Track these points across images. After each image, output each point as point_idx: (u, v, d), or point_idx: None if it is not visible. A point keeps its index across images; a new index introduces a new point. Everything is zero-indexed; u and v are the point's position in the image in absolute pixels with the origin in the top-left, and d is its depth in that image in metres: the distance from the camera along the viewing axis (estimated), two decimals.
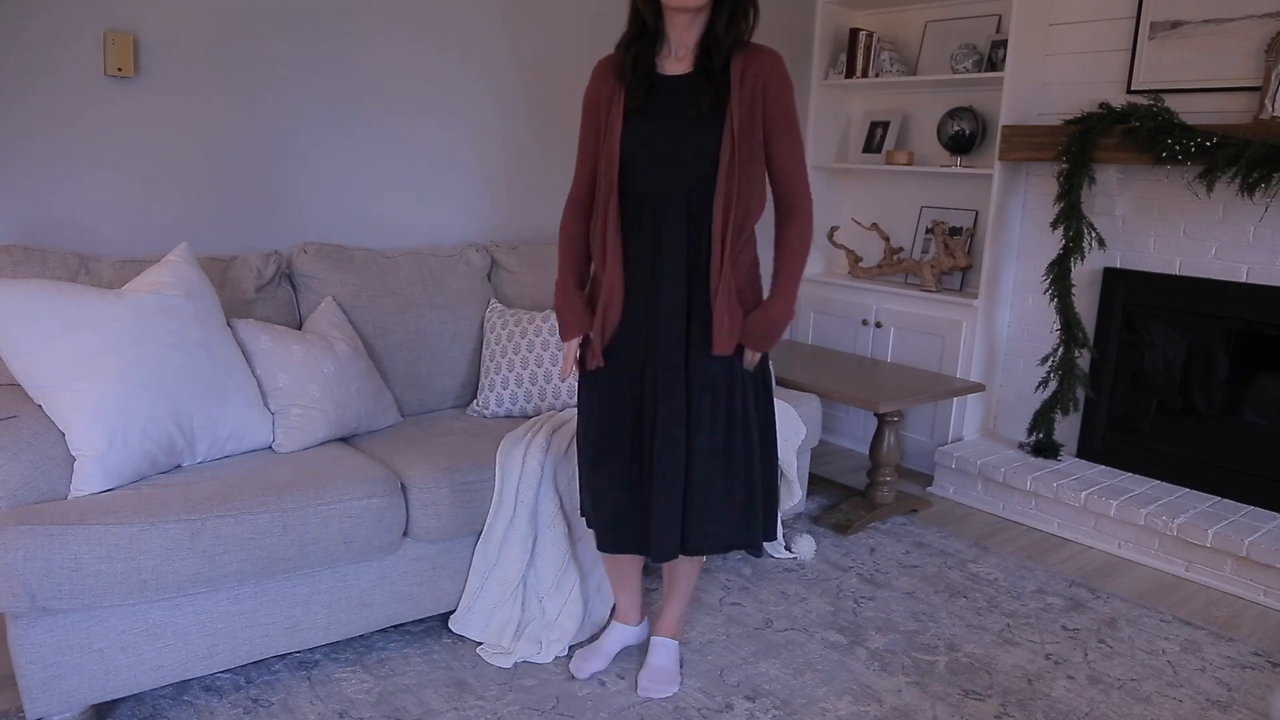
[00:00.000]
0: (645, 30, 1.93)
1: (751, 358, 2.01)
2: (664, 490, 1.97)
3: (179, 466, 2.15)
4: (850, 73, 4.11)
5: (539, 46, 3.35)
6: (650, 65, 1.95)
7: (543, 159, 3.46)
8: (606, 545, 2.09)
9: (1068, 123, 3.31)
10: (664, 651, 2.27)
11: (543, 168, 3.46)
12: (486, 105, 3.28)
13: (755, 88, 1.90)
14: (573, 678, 2.25)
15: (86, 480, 1.95)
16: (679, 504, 1.99)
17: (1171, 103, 3.22)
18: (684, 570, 2.25)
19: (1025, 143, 3.45)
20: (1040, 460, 3.52)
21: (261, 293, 2.59)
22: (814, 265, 4.43)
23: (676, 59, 1.94)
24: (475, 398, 2.83)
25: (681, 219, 1.94)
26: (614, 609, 2.39)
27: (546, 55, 3.38)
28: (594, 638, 2.43)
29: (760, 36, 2.05)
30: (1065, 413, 3.46)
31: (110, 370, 1.99)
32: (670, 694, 2.20)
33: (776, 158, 1.96)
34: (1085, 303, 3.50)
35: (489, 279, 3.04)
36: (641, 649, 2.39)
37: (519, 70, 3.32)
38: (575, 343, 2.07)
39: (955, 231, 3.92)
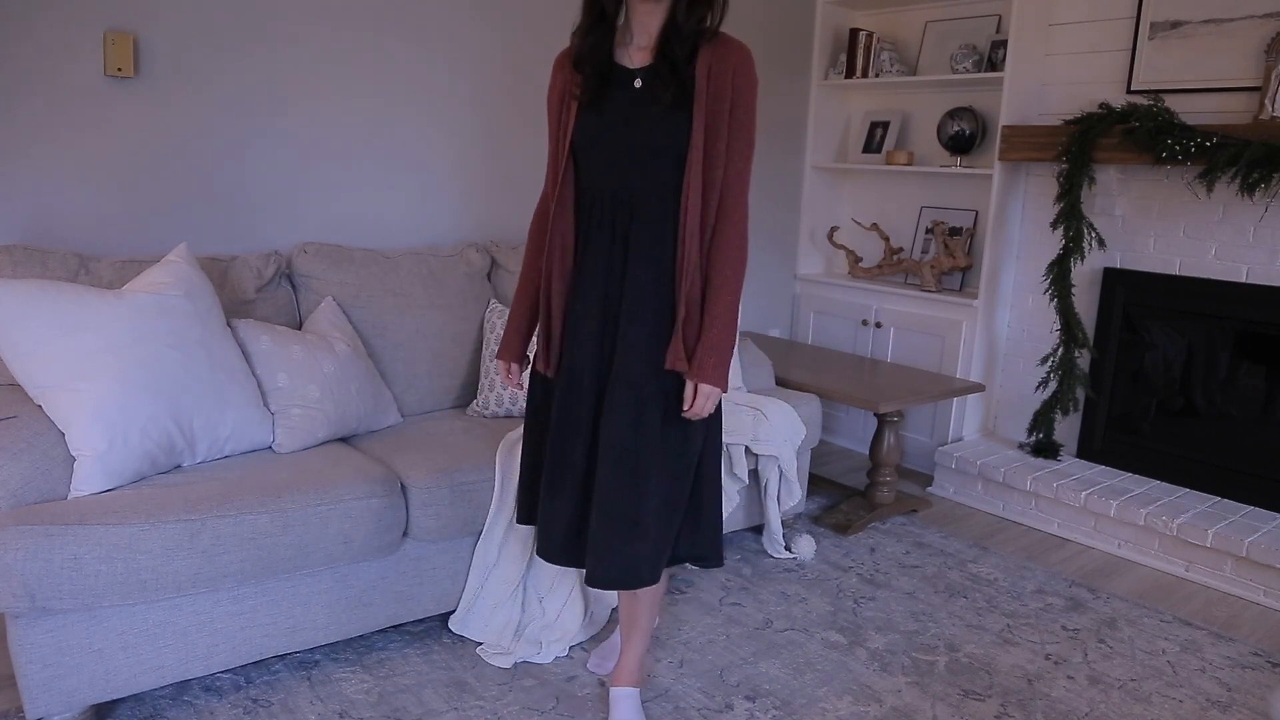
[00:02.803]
0: (604, 17, 1.78)
1: (702, 403, 1.79)
2: (606, 511, 1.83)
3: (179, 466, 2.15)
4: (850, 73, 4.11)
5: (536, 47, 3.35)
6: (607, 55, 1.80)
7: (542, 158, 3.46)
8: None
9: (1068, 123, 3.31)
10: (627, 705, 2.05)
11: (543, 166, 3.46)
12: (487, 105, 3.27)
13: (724, 83, 1.76)
14: (572, 678, 2.25)
15: (86, 480, 1.95)
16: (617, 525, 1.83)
17: (1171, 103, 3.22)
18: (645, 605, 2.03)
19: (1025, 143, 3.45)
20: (1040, 460, 3.52)
21: (261, 293, 2.59)
22: (814, 265, 4.43)
23: (638, 48, 1.79)
24: (475, 398, 2.83)
25: (644, 220, 1.80)
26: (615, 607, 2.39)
27: (543, 55, 3.37)
28: (595, 638, 2.43)
29: (760, 37, 2.01)
30: (1065, 413, 3.46)
31: (110, 370, 1.99)
32: None
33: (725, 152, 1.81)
34: (1085, 303, 3.50)
35: (489, 279, 3.04)
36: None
37: (519, 71, 3.32)
38: (509, 365, 2.02)
39: (955, 231, 3.92)
